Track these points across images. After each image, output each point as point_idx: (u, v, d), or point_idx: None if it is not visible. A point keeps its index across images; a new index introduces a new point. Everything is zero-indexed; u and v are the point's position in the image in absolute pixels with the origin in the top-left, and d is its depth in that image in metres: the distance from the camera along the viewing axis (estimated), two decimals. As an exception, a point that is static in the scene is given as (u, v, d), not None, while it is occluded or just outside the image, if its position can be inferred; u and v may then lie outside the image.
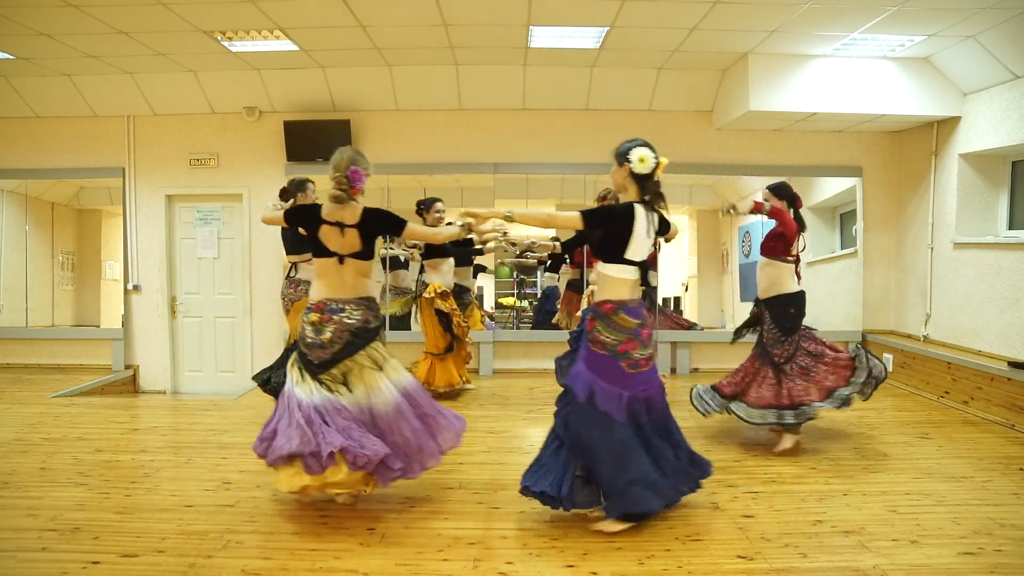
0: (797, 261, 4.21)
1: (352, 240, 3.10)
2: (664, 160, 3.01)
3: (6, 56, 5.69)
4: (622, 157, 3.02)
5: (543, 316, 6.97)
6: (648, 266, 5.08)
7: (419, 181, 6.73)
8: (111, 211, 6.99)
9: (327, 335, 3.04)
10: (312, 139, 6.44)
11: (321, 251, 3.11)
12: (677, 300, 7.33)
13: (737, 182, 6.84)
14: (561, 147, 6.64)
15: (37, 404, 5.24)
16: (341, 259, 3.10)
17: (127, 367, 6.73)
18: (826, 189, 6.85)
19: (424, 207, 5.39)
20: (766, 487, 3.42)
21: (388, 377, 3.11)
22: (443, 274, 5.47)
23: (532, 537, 2.83)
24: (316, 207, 3.17)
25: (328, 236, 3.09)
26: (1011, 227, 5.56)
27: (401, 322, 6.70)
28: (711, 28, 5.10)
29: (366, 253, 3.14)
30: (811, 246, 7.05)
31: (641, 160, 2.96)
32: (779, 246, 4.13)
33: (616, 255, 2.96)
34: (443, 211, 5.36)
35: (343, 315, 3.06)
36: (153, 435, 4.51)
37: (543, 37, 5.43)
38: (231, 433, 4.45)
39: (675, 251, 7.11)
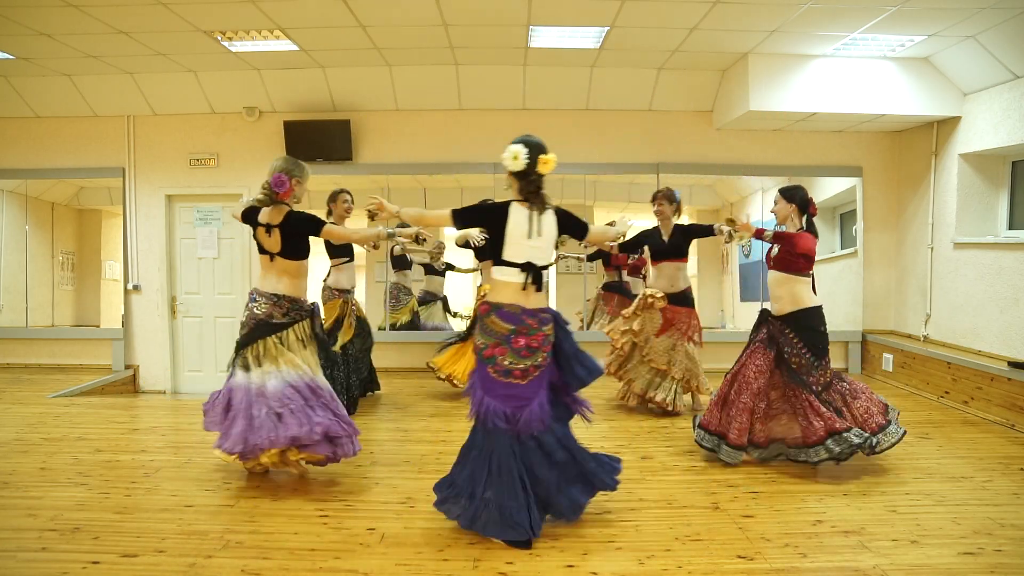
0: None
1: (275, 240, 3.42)
2: (547, 157, 2.85)
3: (6, 56, 5.69)
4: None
5: None
6: (622, 270, 4.87)
7: (419, 181, 6.73)
8: (111, 211, 6.99)
9: (243, 319, 3.54)
10: (312, 139, 6.44)
11: (260, 248, 3.51)
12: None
13: (737, 182, 6.84)
14: (561, 147, 6.54)
15: (37, 404, 5.24)
16: (272, 257, 3.47)
17: (127, 367, 6.74)
18: (826, 189, 6.85)
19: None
20: (766, 487, 3.42)
21: (278, 368, 3.38)
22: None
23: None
24: (258, 210, 3.50)
25: (261, 236, 3.47)
26: (1011, 227, 5.56)
27: (410, 324, 6.66)
28: (711, 28, 5.10)
29: (287, 252, 3.45)
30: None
31: (514, 157, 2.83)
32: (802, 262, 3.70)
33: (496, 255, 2.87)
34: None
35: (254, 305, 3.48)
36: (153, 435, 4.50)
37: (543, 37, 5.43)
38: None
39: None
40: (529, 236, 2.83)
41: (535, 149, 2.85)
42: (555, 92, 6.41)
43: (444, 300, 6.79)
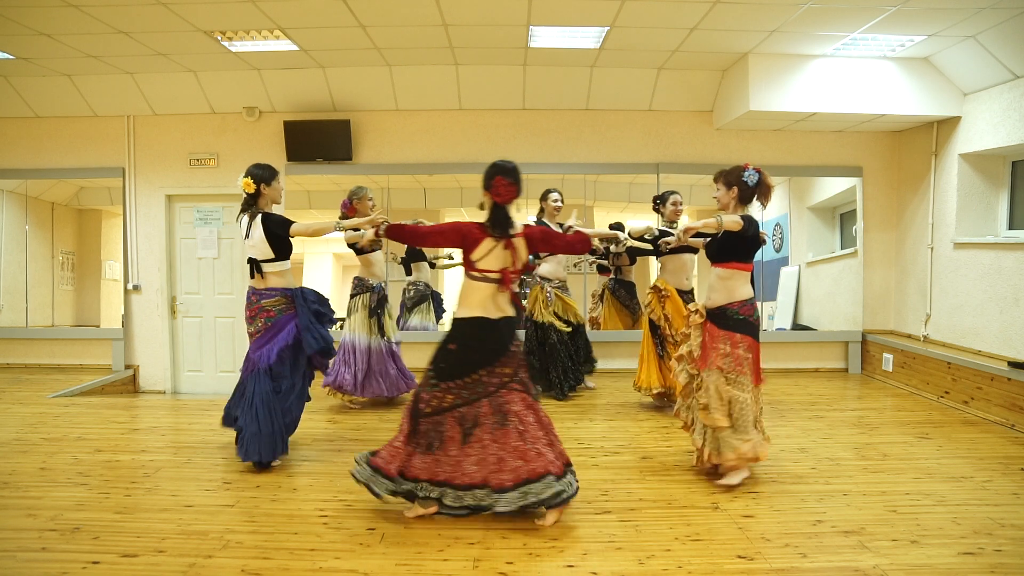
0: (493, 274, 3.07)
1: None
2: (244, 180, 3.71)
3: (6, 56, 5.69)
4: None
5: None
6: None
7: (419, 181, 6.73)
8: (111, 211, 6.99)
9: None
10: (312, 139, 6.44)
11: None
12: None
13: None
14: (561, 147, 6.64)
15: (37, 404, 5.24)
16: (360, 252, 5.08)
17: (127, 367, 6.74)
18: (826, 189, 6.85)
19: (660, 201, 5.11)
20: (766, 487, 3.42)
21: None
22: (673, 273, 4.94)
23: (532, 537, 2.83)
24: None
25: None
26: (1011, 227, 5.56)
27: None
28: (711, 28, 5.10)
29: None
30: (811, 246, 7.10)
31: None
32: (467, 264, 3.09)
33: None
34: (680, 203, 5.05)
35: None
36: (153, 435, 4.50)
37: (543, 37, 5.43)
38: (231, 433, 4.43)
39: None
40: (246, 238, 3.79)
41: (245, 175, 3.74)
42: (555, 92, 6.41)
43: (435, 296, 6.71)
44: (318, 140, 6.43)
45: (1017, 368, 4.66)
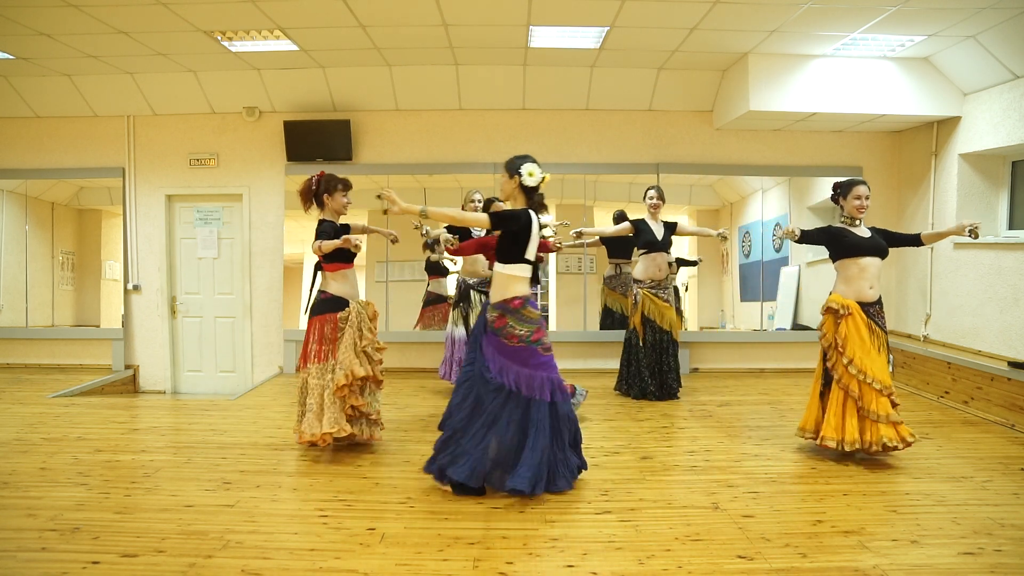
0: None
1: None
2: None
3: (6, 56, 5.69)
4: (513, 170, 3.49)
5: None
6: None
7: (419, 181, 6.73)
8: (111, 211, 6.99)
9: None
10: (312, 139, 6.44)
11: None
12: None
13: (737, 181, 6.83)
14: (561, 147, 6.64)
15: (37, 404, 5.24)
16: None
17: (127, 367, 6.74)
18: (826, 189, 6.76)
19: (841, 192, 4.01)
20: (766, 487, 3.42)
21: None
22: (850, 280, 3.91)
23: (532, 537, 2.83)
24: None
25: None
26: (1011, 227, 5.56)
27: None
28: (711, 28, 5.10)
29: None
30: (811, 246, 7.06)
31: (530, 174, 3.42)
32: None
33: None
34: (864, 196, 3.94)
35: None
36: (153, 435, 4.50)
37: (543, 37, 5.43)
38: (231, 433, 4.45)
39: (675, 251, 7.10)
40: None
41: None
42: (555, 92, 6.41)
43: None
44: (318, 140, 6.44)
45: (1017, 368, 4.66)
